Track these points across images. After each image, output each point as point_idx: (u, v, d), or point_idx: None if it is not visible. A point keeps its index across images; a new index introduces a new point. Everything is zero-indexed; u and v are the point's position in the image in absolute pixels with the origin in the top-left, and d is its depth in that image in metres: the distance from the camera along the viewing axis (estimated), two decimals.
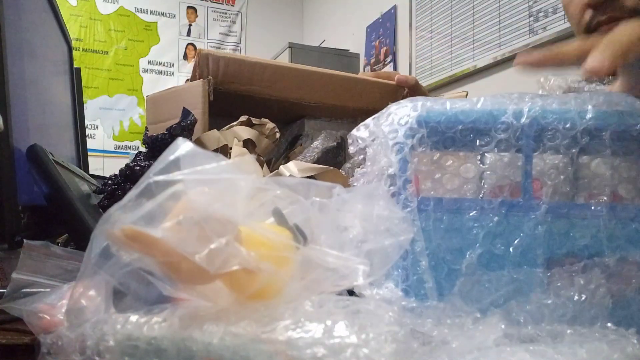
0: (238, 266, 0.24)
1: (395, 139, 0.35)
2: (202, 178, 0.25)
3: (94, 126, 3.69)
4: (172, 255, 0.24)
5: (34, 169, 0.52)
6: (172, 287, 0.26)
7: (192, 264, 0.24)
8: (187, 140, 0.27)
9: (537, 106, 0.33)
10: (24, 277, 0.31)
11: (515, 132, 0.33)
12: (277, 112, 0.97)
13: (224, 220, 0.25)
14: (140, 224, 0.24)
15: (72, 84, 0.98)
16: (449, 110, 0.35)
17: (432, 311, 0.29)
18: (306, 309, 0.24)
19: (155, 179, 0.25)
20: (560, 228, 0.33)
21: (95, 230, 0.26)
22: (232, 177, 0.26)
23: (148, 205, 0.25)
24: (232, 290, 0.26)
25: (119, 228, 0.24)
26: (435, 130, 0.35)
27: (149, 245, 0.24)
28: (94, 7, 3.87)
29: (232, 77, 0.83)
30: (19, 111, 0.51)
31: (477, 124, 0.34)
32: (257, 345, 0.22)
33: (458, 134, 0.35)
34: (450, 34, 2.62)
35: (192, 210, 0.24)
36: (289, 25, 4.37)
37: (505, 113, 0.33)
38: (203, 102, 0.80)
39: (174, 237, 0.24)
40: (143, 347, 0.24)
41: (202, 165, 0.26)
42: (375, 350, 0.21)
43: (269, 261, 0.25)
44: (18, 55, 0.54)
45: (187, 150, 0.26)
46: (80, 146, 0.99)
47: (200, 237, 0.24)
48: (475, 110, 0.34)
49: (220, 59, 0.82)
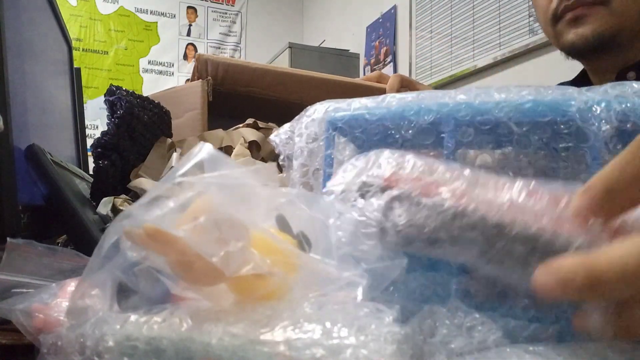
0: (253, 270, 0.24)
1: (308, 141, 0.36)
2: (224, 182, 0.26)
3: (94, 126, 3.69)
4: (188, 255, 0.24)
5: (32, 169, 0.52)
6: (178, 286, 0.26)
7: (205, 264, 0.24)
8: (209, 144, 0.28)
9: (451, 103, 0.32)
10: (8, 278, 0.31)
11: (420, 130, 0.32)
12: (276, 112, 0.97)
13: (239, 224, 0.25)
14: (161, 223, 0.25)
15: (72, 84, 0.98)
16: (353, 110, 0.34)
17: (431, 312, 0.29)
18: (305, 310, 0.24)
19: (179, 180, 0.26)
20: None
21: (111, 225, 0.27)
22: (253, 183, 0.27)
23: (170, 205, 0.25)
24: (238, 294, 0.27)
25: (141, 225, 0.25)
26: (343, 130, 0.35)
27: (167, 243, 0.25)
28: (94, 7, 3.87)
29: (232, 80, 0.84)
30: (19, 111, 0.52)
31: (383, 122, 0.33)
32: (255, 346, 0.22)
33: (365, 134, 0.34)
34: (450, 34, 2.62)
35: (212, 212, 0.25)
36: (289, 25, 4.37)
37: (412, 110, 0.32)
38: (202, 103, 0.80)
39: (194, 238, 0.24)
40: (142, 348, 0.24)
41: (224, 169, 0.26)
42: (374, 351, 0.21)
43: (279, 266, 0.25)
44: (18, 55, 0.54)
45: (209, 154, 0.27)
46: (80, 146, 0.99)
47: (218, 240, 0.24)
48: (381, 108, 0.33)
49: (220, 64, 0.82)
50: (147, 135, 0.70)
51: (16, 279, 0.31)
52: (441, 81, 2.66)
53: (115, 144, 0.63)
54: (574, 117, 0.29)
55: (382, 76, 0.88)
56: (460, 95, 0.31)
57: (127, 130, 0.64)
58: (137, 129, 0.66)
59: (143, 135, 0.68)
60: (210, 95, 0.81)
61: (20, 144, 0.51)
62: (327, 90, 0.87)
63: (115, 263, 0.27)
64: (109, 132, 0.63)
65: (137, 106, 0.65)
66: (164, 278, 0.26)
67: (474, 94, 0.31)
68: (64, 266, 0.35)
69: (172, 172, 0.26)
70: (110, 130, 0.63)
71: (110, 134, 0.63)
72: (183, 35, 4.14)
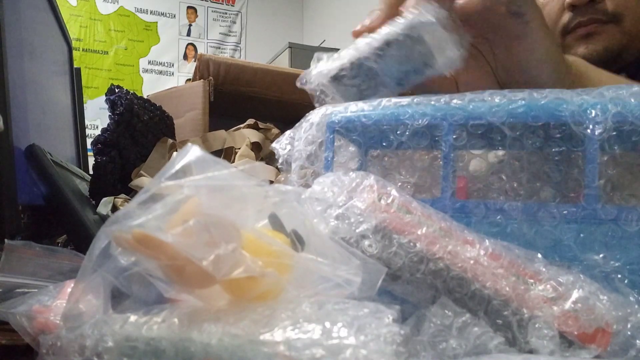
0: (244, 273, 0.24)
1: (309, 143, 0.36)
2: (213, 184, 0.26)
3: (94, 126, 3.69)
4: (178, 259, 0.24)
5: (32, 169, 0.52)
6: (171, 289, 0.26)
7: (196, 268, 0.24)
8: (196, 145, 0.27)
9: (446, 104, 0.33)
10: (7, 279, 0.31)
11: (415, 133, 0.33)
12: (277, 112, 0.97)
13: (229, 226, 0.25)
14: (149, 228, 0.24)
15: (72, 84, 0.98)
16: (350, 113, 0.35)
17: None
18: (305, 310, 0.24)
19: (165, 184, 0.25)
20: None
21: (101, 230, 0.26)
22: (242, 184, 0.26)
23: (157, 209, 0.25)
24: (232, 295, 0.26)
25: (130, 231, 0.24)
26: (341, 133, 0.35)
27: (157, 248, 0.24)
28: (94, 7, 3.87)
29: (233, 80, 0.84)
30: (19, 111, 0.52)
31: (379, 125, 0.34)
32: (255, 346, 0.22)
33: (362, 136, 0.35)
34: None
35: (201, 215, 0.25)
36: (289, 25, 4.37)
37: (407, 114, 0.33)
38: (203, 103, 0.81)
39: (183, 242, 0.24)
40: (142, 348, 0.24)
41: (212, 171, 0.26)
42: (374, 351, 0.21)
43: (271, 267, 0.25)
44: (18, 55, 0.54)
45: (197, 156, 0.26)
46: (80, 146, 0.99)
47: (208, 243, 0.24)
48: (377, 112, 0.34)
49: (221, 64, 0.82)
50: (148, 136, 0.70)
51: (15, 280, 0.31)
52: None
53: (115, 140, 0.63)
54: (567, 120, 0.29)
55: None
56: (454, 99, 0.32)
57: (127, 128, 0.64)
58: (137, 127, 0.66)
59: (144, 135, 0.69)
60: (212, 95, 0.81)
61: (20, 144, 0.51)
62: None
63: (108, 267, 0.26)
64: (109, 129, 0.63)
65: (137, 105, 0.65)
66: (157, 282, 0.26)
67: (468, 98, 0.32)
68: (63, 267, 0.35)
69: (159, 175, 0.26)
70: (110, 127, 0.63)
71: (110, 130, 0.63)
72: (183, 35, 4.14)
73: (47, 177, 0.52)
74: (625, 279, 0.28)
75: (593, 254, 0.29)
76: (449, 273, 0.26)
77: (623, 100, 0.29)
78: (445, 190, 0.32)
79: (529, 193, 0.33)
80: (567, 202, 0.32)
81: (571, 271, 0.27)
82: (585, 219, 0.29)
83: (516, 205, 0.30)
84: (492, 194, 0.34)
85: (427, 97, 0.33)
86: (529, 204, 0.30)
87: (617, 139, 0.29)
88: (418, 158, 0.37)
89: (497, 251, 0.27)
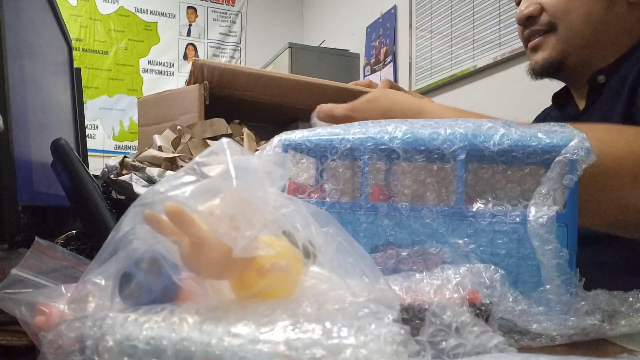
0: (262, 252, 0.25)
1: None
2: (245, 166, 0.27)
3: (94, 126, 3.69)
4: (201, 238, 0.25)
5: (58, 164, 0.52)
6: (182, 274, 0.27)
7: (216, 254, 0.25)
8: (230, 138, 0.29)
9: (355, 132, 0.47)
10: (23, 275, 0.31)
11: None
12: (271, 115, 0.98)
13: (258, 214, 0.26)
14: (183, 203, 0.26)
15: (72, 84, 0.98)
16: (298, 139, 0.48)
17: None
18: (305, 310, 0.24)
19: (199, 160, 0.27)
20: (379, 223, 0.45)
21: (129, 210, 0.27)
22: (271, 171, 0.28)
23: (193, 188, 0.26)
24: (239, 293, 0.27)
25: (163, 202, 0.25)
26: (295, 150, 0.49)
27: (185, 224, 0.25)
28: (94, 7, 3.87)
29: (227, 84, 0.85)
30: (19, 111, 0.52)
31: (319, 147, 0.47)
32: (255, 346, 0.22)
33: (309, 154, 0.49)
34: (450, 34, 2.62)
35: (232, 199, 0.26)
36: (289, 25, 4.37)
37: (337, 140, 0.47)
38: (199, 106, 0.82)
39: (211, 220, 0.25)
40: (142, 347, 0.24)
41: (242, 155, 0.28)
42: (374, 351, 0.21)
43: (287, 259, 0.26)
44: (18, 55, 0.54)
45: (231, 144, 0.28)
46: (80, 146, 0.99)
47: (234, 227, 0.25)
48: (317, 138, 0.47)
49: (215, 69, 0.84)
50: None
51: (30, 278, 0.31)
52: (441, 81, 2.66)
53: None
54: (440, 146, 0.43)
55: (371, 83, 0.94)
56: (370, 128, 0.46)
57: None
58: None
59: None
60: (207, 99, 0.82)
61: (20, 144, 0.51)
62: (319, 94, 0.89)
63: (124, 251, 0.27)
64: None
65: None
66: (169, 267, 0.26)
67: (377, 129, 0.45)
68: (79, 275, 0.35)
69: (192, 162, 0.27)
70: None
71: None
72: (183, 35, 4.14)
73: (74, 173, 0.52)
74: (477, 256, 0.41)
75: (458, 239, 0.42)
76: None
77: (480, 130, 0.42)
78: (362, 194, 0.45)
79: (416, 196, 0.46)
80: (441, 203, 0.45)
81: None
82: (454, 215, 0.43)
83: (407, 205, 0.44)
84: (392, 197, 0.46)
85: (349, 126, 0.47)
86: (415, 205, 0.44)
87: (472, 157, 0.43)
88: (343, 171, 0.50)
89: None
